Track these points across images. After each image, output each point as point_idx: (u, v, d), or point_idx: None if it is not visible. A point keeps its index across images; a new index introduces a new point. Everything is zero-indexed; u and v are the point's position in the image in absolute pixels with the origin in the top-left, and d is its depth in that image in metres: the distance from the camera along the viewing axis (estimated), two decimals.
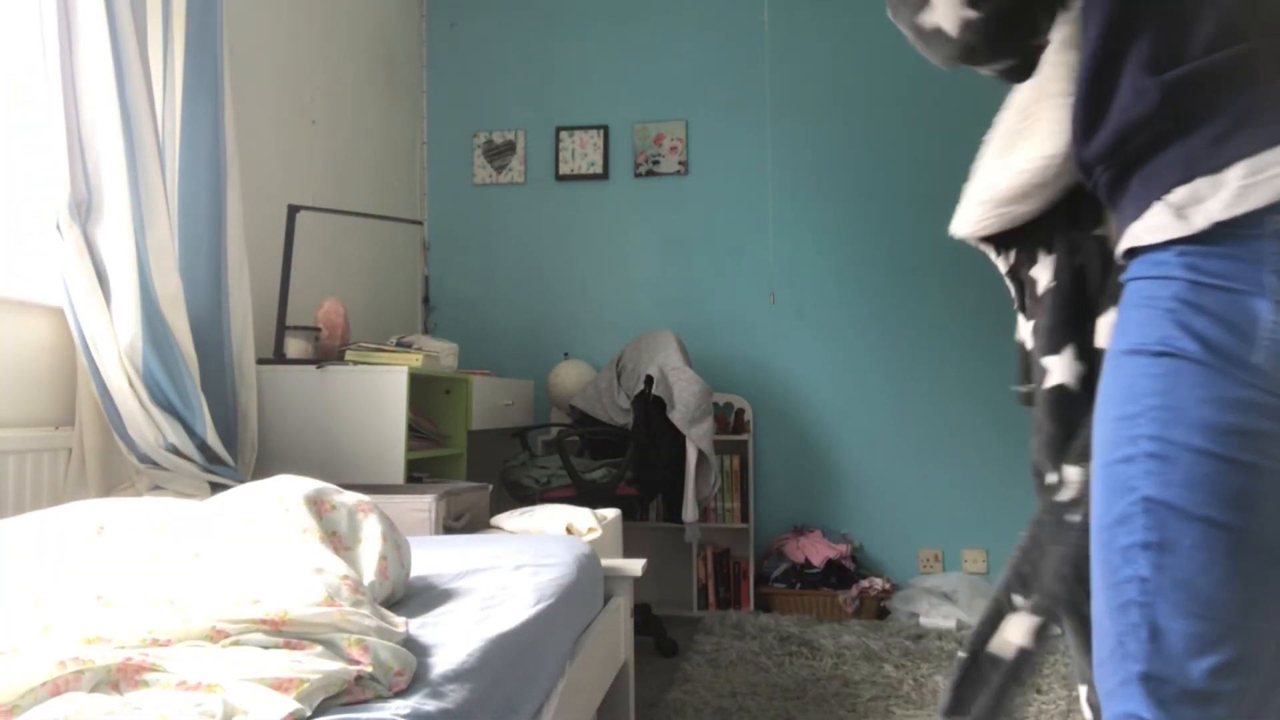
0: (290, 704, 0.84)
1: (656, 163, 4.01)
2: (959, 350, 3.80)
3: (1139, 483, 0.80)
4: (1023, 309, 1.12)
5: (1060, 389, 0.98)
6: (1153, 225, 0.81)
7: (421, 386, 2.82)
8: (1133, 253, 0.84)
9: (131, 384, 1.99)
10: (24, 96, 2.01)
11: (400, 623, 1.15)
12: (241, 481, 2.11)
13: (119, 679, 0.87)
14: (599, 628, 1.79)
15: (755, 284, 3.91)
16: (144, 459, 2.05)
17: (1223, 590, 0.77)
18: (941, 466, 3.79)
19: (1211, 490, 0.77)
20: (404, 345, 2.75)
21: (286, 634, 0.98)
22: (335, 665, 0.93)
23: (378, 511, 1.44)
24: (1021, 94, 1.09)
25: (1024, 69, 1.07)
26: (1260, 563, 0.77)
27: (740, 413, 3.80)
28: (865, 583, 3.49)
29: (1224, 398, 0.77)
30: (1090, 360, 0.95)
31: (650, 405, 3.15)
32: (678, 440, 3.19)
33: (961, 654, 1.13)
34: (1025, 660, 1.04)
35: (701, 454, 3.20)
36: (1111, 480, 0.83)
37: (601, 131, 4.04)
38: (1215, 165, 0.78)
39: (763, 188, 3.94)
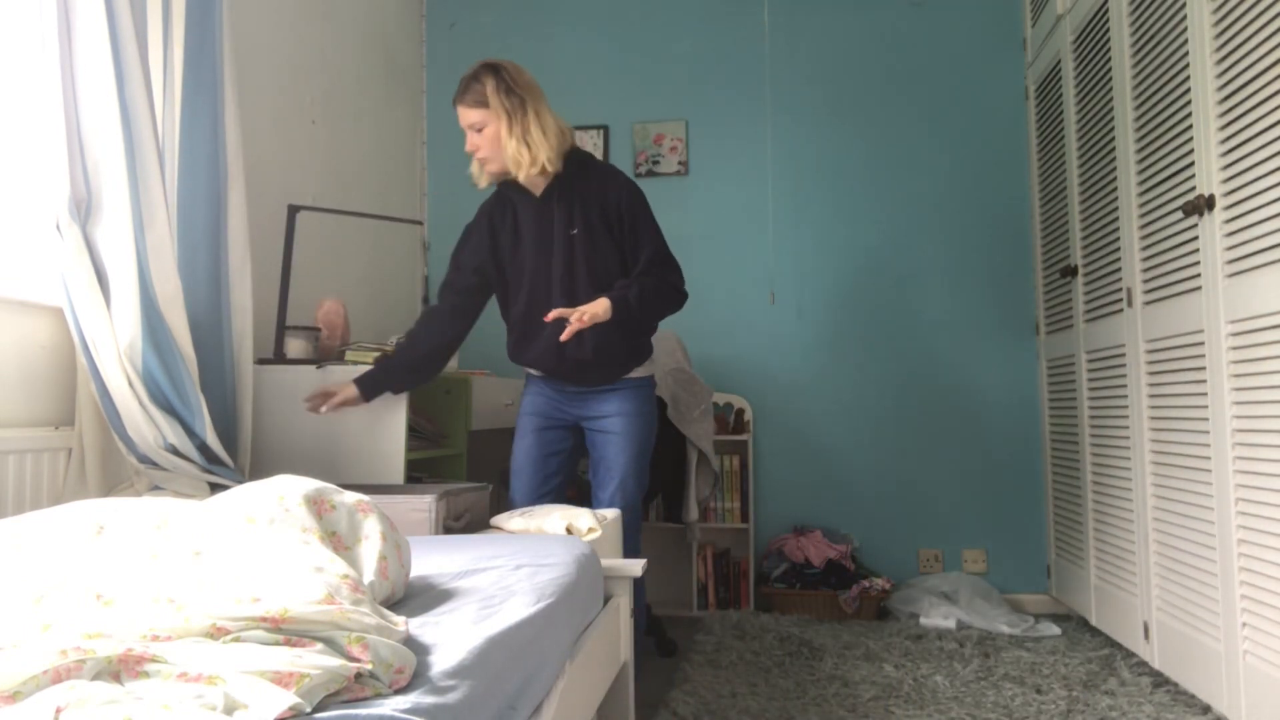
0: (291, 698, 0.84)
1: (656, 163, 4.01)
2: (959, 350, 3.80)
3: None
4: None
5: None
6: None
7: (421, 386, 2.81)
8: None
9: (131, 384, 1.99)
10: (24, 96, 2.01)
11: (400, 622, 1.15)
12: (241, 481, 2.11)
13: (120, 669, 0.87)
14: (599, 628, 1.79)
15: (755, 284, 3.91)
16: (143, 459, 2.05)
17: None
18: (941, 466, 3.79)
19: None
20: None
21: (287, 631, 0.98)
22: (336, 661, 0.93)
23: (378, 511, 1.44)
24: None
25: None
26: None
27: (740, 413, 3.80)
28: (865, 583, 3.49)
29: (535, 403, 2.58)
30: None
31: None
32: (678, 440, 3.19)
33: None
34: None
35: (701, 454, 3.20)
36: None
37: (601, 131, 4.04)
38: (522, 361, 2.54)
39: (763, 188, 3.94)
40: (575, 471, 2.68)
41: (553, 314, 2.26)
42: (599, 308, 2.26)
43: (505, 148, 2.31)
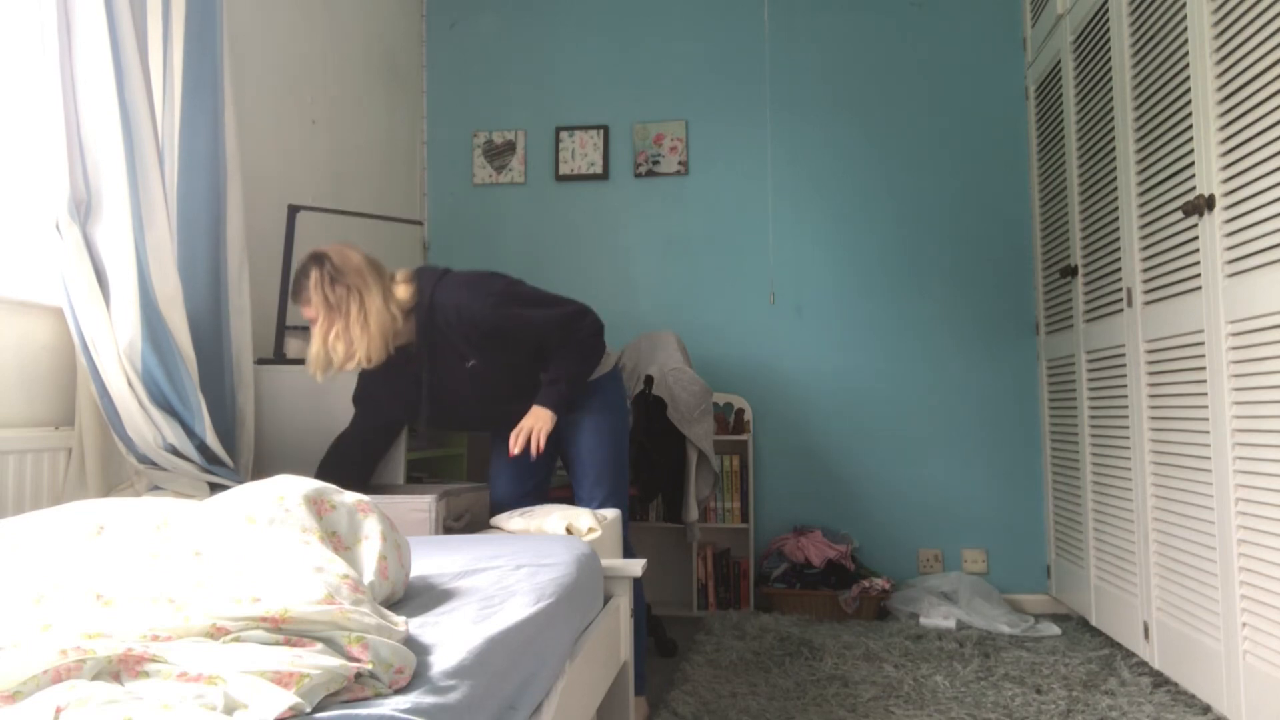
0: (291, 698, 0.84)
1: (656, 163, 4.01)
2: (959, 350, 3.80)
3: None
4: None
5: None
6: None
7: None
8: None
9: (130, 384, 1.98)
10: (24, 96, 2.01)
11: (400, 622, 1.15)
12: (240, 482, 2.11)
13: (120, 669, 0.87)
14: (599, 628, 1.79)
15: (755, 284, 3.92)
16: (143, 459, 2.04)
17: None
18: (941, 466, 3.79)
19: None
20: None
21: (287, 631, 0.98)
22: (336, 661, 0.93)
23: (378, 511, 1.44)
24: None
25: None
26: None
27: (740, 413, 3.80)
28: (865, 583, 3.49)
29: None
30: None
31: (650, 405, 3.15)
32: (678, 440, 3.19)
33: None
34: None
35: (701, 454, 3.20)
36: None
37: (601, 131, 4.04)
38: None
39: (763, 188, 3.94)
40: (554, 469, 2.65)
41: (513, 453, 2.26)
42: (545, 422, 2.25)
43: (315, 342, 2.17)
